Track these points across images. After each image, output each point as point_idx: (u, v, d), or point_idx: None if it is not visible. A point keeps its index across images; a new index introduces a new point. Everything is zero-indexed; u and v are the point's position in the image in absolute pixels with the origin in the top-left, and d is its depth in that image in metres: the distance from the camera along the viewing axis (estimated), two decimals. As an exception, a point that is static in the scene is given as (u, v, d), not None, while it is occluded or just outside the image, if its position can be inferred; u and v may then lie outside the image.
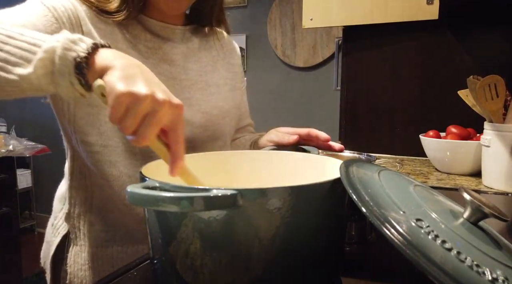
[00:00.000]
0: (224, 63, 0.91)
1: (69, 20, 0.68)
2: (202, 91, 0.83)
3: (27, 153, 2.60)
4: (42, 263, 0.86)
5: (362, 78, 1.64)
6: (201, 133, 0.81)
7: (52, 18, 0.66)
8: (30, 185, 3.42)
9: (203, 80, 0.84)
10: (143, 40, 0.77)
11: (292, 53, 2.64)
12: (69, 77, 0.48)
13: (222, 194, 0.39)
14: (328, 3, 1.50)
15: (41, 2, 0.67)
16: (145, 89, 0.45)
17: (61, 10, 0.68)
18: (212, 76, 0.86)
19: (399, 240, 0.36)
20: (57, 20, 0.66)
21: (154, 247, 0.49)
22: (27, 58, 0.49)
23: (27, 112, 3.45)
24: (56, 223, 0.82)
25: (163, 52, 0.79)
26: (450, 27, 1.47)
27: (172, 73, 0.79)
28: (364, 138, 1.65)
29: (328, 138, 0.78)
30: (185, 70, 0.82)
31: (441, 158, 1.21)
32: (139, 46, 0.76)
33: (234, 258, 0.43)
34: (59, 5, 0.68)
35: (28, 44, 0.49)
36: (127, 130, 0.45)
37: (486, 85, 1.02)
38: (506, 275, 0.37)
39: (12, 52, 0.49)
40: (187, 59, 0.83)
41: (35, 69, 0.48)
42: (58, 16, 0.67)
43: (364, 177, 0.46)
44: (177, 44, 0.82)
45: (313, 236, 0.46)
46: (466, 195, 0.44)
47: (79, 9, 0.70)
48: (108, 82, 0.46)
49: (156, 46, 0.79)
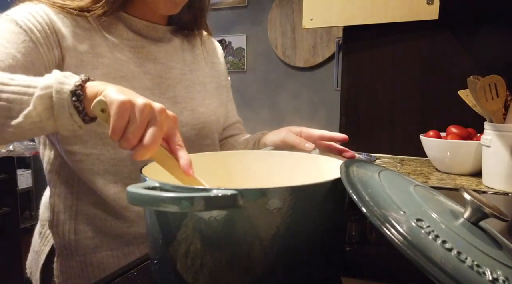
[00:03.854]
0: (207, 62, 0.91)
1: (47, 39, 0.67)
2: (188, 89, 0.83)
3: (28, 153, 2.60)
4: (29, 274, 0.83)
5: (362, 78, 1.64)
6: (188, 131, 0.80)
7: (30, 43, 0.64)
8: (31, 185, 3.42)
9: (187, 78, 0.84)
10: (125, 39, 0.76)
11: (292, 53, 2.64)
12: (68, 108, 0.51)
13: (222, 194, 0.39)
14: (328, 3, 1.50)
15: (17, 23, 0.65)
16: (142, 99, 0.47)
17: (38, 29, 0.66)
18: (197, 75, 0.86)
19: (399, 240, 0.36)
20: (34, 43, 0.65)
21: (154, 247, 0.49)
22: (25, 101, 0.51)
23: (27, 112, 3.45)
24: (44, 232, 0.80)
25: (146, 51, 0.79)
26: (450, 27, 1.47)
27: (157, 71, 0.79)
28: (364, 138, 1.65)
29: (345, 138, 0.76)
30: (169, 69, 0.81)
31: (441, 158, 1.21)
32: (121, 46, 0.75)
33: (234, 258, 0.43)
34: (35, 24, 0.66)
35: (23, 87, 0.52)
36: (133, 140, 0.46)
37: (486, 85, 1.02)
38: (506, 275, 0.37)
39: (10, 99, 0.52)
40: (170, 57, 0.82)
41: (34, 106, 0.51)
42: (36, 39, 0.65)
43: (364, 177, 0.46)
44: (161, 43, 0.82)
45: (313, 236, 0.46)
46: (466, 195, 0.44)
47: (55, 20, 0.68)
48: (108, 96, 0.48)
49: (139, 45, 0.78)
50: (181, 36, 0.88)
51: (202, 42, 0.92)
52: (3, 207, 2.34)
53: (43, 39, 0.66)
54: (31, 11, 0.67)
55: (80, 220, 0.76)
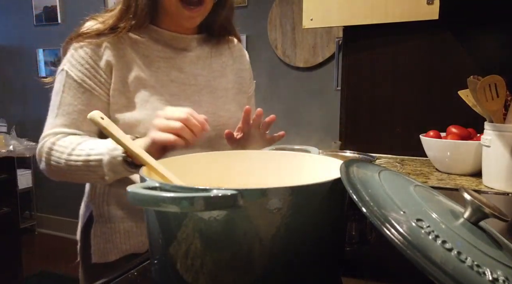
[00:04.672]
0: (233, 69, 1.00)
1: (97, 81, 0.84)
2: (211, 94, 0.93)
3: (28, 153, 2.60)
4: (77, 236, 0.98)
5: (362, 78, 1.64)
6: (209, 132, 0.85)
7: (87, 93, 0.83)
8: (31, 185, 3.42)
9: (211, 84, 0.93)
10: (155, 51, 0.88)
11: (292, 53, 2.64)
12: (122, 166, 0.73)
13: (222, 194, 0.39)
14: (328, 3, 1.50)
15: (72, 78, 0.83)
16: None
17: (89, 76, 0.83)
18: (220, 81, 0.96)
19: (399, 240, 0.36)
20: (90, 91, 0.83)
21: (154, 247, 0.49)
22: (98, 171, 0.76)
23: (28, 113, 3.45)
24: (87, 202, 0.94)
25: (173, 61, 0.89)
26: (450, 27, 1.47)
27: (182, 79, 0.89)
28: (364, 138, 1.65)
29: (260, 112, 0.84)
30: (194, 76, 0.91)
31: (441, 158, 1.21)
32: (151, 58, 0.87)
33: (235, 258, 0.43)
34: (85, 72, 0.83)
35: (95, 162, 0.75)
36: None
37: (486, 85, 1.02)
38: (506, 275, 0.37)
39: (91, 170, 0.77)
40: (196, 66, 0.92)
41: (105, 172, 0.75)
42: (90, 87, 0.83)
43: (365, 177, 0.46)
44: (188, 52, 0.92)
45: (313, 236, 0.46)
46: (466, 195, 0.44)
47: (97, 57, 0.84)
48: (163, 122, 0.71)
49: (168, 56, 0.89)
50: (209, 44, 0.97)
51: (230, 50, 1.01)
52: (3, 207, 2.33)
53: (95, 84, 0.83)
54: (78, 58, 0.84)
55: (112, 194, 0.89)
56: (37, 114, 3.41)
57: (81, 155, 0.76)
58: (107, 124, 0.56)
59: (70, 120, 0.82)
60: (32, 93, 3.38)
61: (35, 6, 3.22)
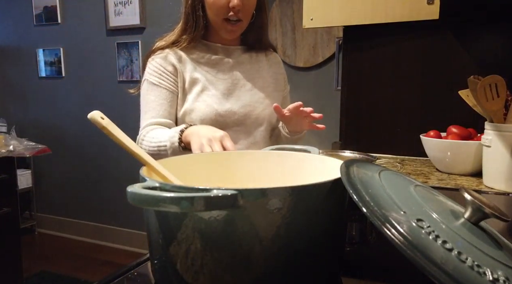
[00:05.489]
0: (269, 72, 1.25)
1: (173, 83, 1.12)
2: (249, 91, 1.18)
3: (28, 153, 2.60)
4: None
5: (363, 78, 1.64)
6: (245, 120, 1.15)
7: (169, 94, 1.12)
8: (31, 185, 3.41)
9: (250, 84, 1.19)
10: (206, 58, 1.16)
11: (293, 53, 2.64)
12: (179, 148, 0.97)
13: (222, 194, 0.39)
14: (328, 3, 1.50)
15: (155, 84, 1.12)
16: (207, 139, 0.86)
17: (169, 81, 1.12)
18: (257, 81, 1.21)
19: (399, 240, 0.36)
20: (171, 93, 1.12)
21: (154, 247, 0.49)
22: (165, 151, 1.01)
23: (28, 113, 3.45)
24: None
25: (219, 65, 1.16)
26: (450, 27, 1.47)
27: (226, 79, 1.16)
28: (365, 138, 1.65)
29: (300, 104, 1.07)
30: (236, 77, 1.18)
31: (441, 158, 1.21)
32: (202, 63, 1.15)
33: (235, 258, 0.43)
34: (168, 78, 1.12)
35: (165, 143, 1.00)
36: None
37: (486, 85, 1.02)
38: (507, 275, 0.37)
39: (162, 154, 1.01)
40: (238, 69, 1.18)
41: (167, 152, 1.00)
42: (171, 89, 1.12)
43: (365, 177, 0.46)
44: (231, 59, 1.18)
45: (313, 236, 0.46)
46: (466, 195, 0.44)
47: (167, 64, 1.12)
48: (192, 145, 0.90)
49: (214, 62, 1.16)
50: (249, 53, 1.23)
51: (267, 58, 1.27)
52: (3, 207, 2.33)
53: (168, 83, 1.12)
54: (153, 68, 1.13)
55: None
56: (37, 114, 3.41)
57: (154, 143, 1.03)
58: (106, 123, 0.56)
59: (156, 112, 1.10)
60: (32, 93, 3.38)
61: (35, 6, 3.22)
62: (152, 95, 1.11)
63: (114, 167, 3.09)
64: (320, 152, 0.76)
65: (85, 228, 3.31)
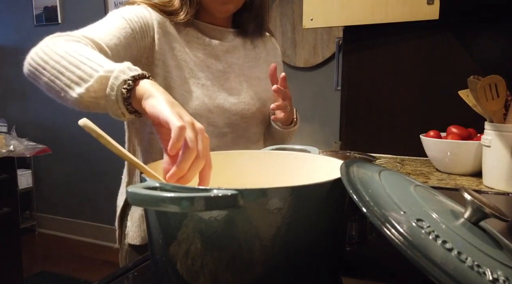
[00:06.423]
0: (266, 60, 1.07)
1: (141, 29, 0.86)
2: (244, 83, 0.99)
3: (28, 153, 2.60)
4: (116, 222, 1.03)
5: (363, 78, 1.64)
6: (237, 119, 0.95)
7: (129, 29, 0.84)
8: (31, 185, 3.42)
9: (245, 73, 1.00)
10: (195, 38, 0.95)
11: (293, 53, 2.64)
12: (116, 92, 0.60)
13: (222, 194, 0.39)
14: (328, 3, 1.50)
15: (122, 17, 0.85)
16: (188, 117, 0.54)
17: (135, 21, 0.85)
18: (254, 71, 1.02)
19: (399, 240, 0.36)
20: (132, 31, 0.84)
21: (154, 247, 0.49)
22: (92, 75, 0.62)
23: (28, 113, 3.45)
24: (123, 191, 1.01)
25: (211, 48, 0.96)
26: (450, 27, 1.47)
27: (217, 66, 0.96)
28: (365, 138, 1.65)
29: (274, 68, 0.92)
30: (229, 65, 0.98)
31: (441, 158, 1.21)
32: (191, 44, 0.94)
33: (235, 258, 0.43)
34: (134, 17, 0.86)
35: (97, 65, 0.63)
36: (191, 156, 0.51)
37: (486, 85, 1.02)
38: (507, 276, 0.37)
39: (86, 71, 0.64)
40: (231, 55, 0.99)
41: (94, 82, 0.62)
42: (133, 27, 0.85)
43: (365, 177, 0.46)
44: (224, 43, 0.99)
45: (313, 236, 0.46)
46: (466, 195, 0.44)
47: (153, 18, 0.88)
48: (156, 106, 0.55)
49: (206, 43, 0.96)
50: (244, 37, 1.04)
51: (264, 43, 1.09)
52: (3, 207, 2.33)
53: (139, 29, 0.85)
54: (133, 9, 0.88)
55: None
56: (37, 114, 3.41)
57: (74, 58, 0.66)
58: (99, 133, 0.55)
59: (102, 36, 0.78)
60: (32, 93, 3.38)
61: (35, 6, 3.22)
62: (115, 25, 0.83)
63: (114, 167, 3.09)
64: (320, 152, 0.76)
65: (85, 228, 3.31)
